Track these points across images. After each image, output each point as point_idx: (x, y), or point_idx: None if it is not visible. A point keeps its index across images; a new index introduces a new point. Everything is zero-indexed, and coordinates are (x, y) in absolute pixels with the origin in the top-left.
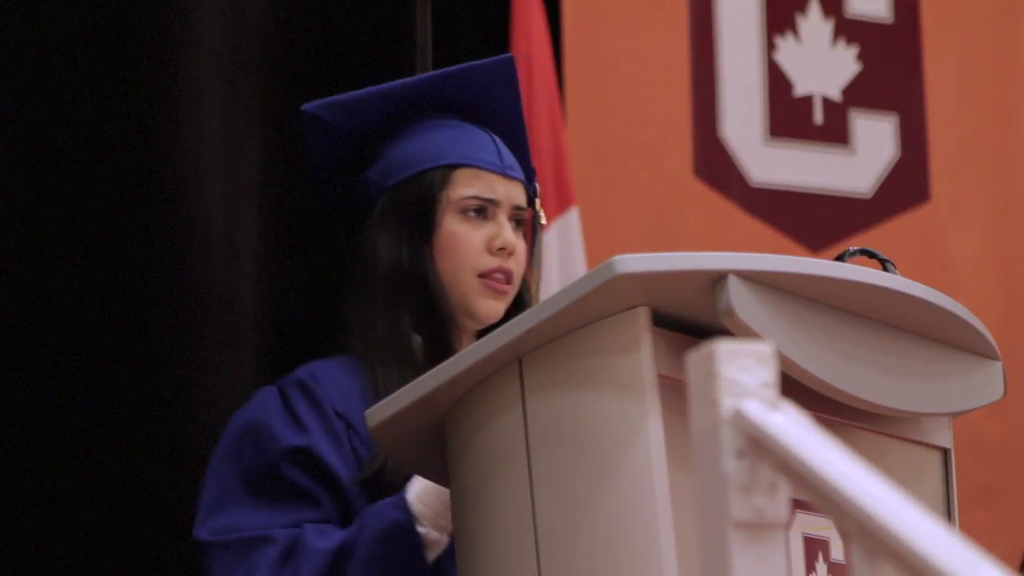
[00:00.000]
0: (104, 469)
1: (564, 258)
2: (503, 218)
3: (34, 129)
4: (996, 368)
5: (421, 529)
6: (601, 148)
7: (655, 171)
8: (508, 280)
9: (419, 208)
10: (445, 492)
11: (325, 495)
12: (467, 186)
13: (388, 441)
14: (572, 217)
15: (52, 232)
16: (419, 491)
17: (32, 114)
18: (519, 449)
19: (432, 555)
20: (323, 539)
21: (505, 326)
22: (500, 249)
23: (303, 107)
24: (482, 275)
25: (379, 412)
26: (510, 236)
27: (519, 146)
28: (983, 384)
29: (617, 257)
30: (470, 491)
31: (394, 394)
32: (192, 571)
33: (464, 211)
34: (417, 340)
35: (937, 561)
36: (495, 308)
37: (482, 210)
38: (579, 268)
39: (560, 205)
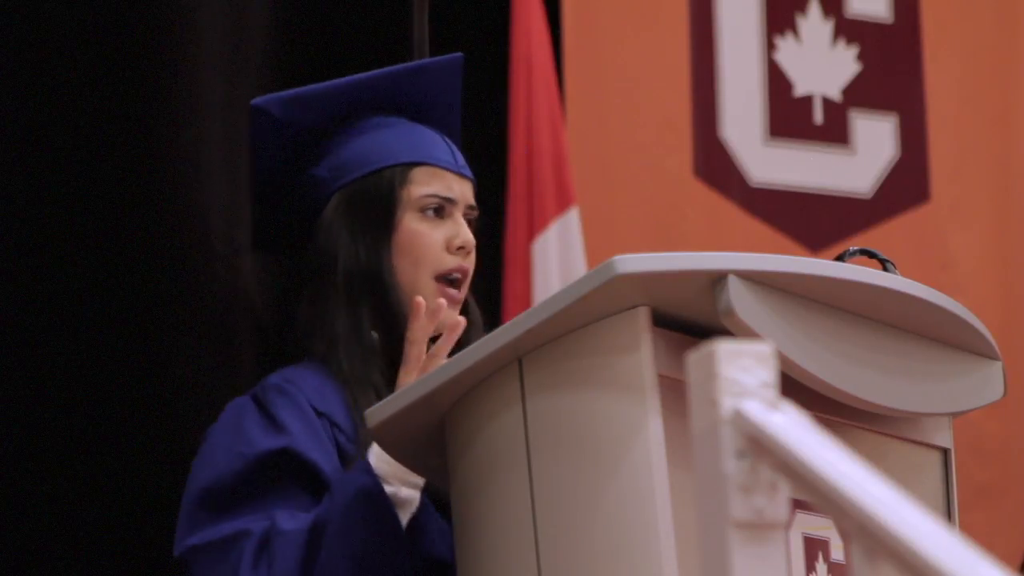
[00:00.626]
0: (104, 469)
1: (564, 258)
2: (459, 216)
3: (34, 129)
4: (996, 368)
5: (389, 488)
6: (601, 148)
7: (655, 171)
8: (464, 277)
9: (378, 206)
10: None
11: (305, 494)
12: (425, 184)
13: (388, 441)
14: (572, 217)
15: (52, 232)
16: (379, 451)
17: (32, 114)
18: (519, 449)
19: (406, 514)
20: (295, 520)
21: (505, 326)
22: (460, 248)
23: (252, 102)
24: (440, 276)
25: (379, 412)
26: (469, 235)
27: (456, 144)
28: (983, 384)
29: (617, 257)
30: (470, 491)
31: (394, 394)
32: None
33: (423, 210)
34: (376, 338)
35: (937, 561)
36: (450, 316)
37: (440, 209)
38: (579, 268)
39: (560, 205)
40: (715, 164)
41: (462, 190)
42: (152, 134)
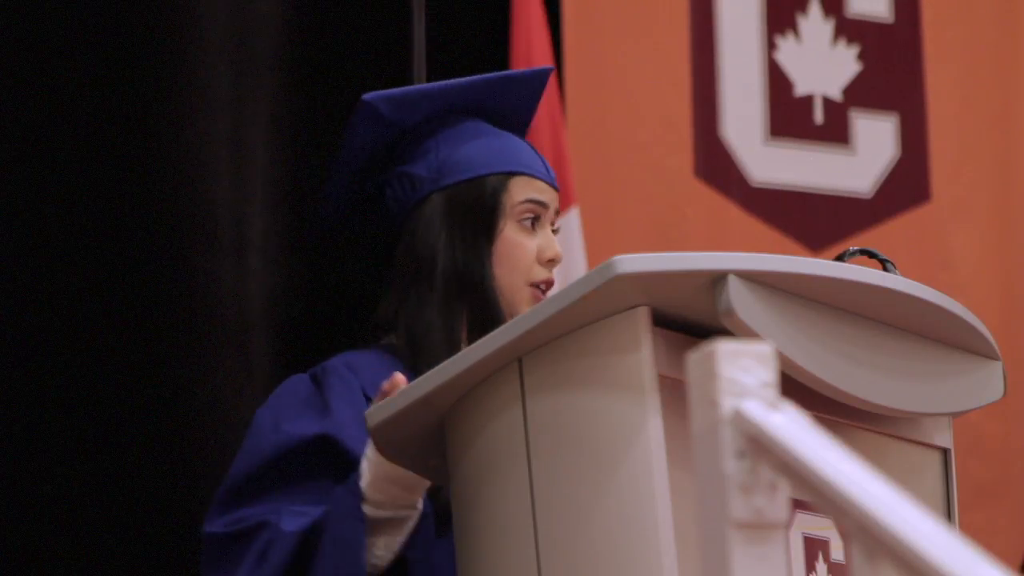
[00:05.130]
0: (107, 470)
1: (564, 258)
2: (549, 227)
3: (34, 128)
4: (996, 368)
5: (385, 513)
6: (601, 148)
7: (655, 171)
8: (549, 288)
9: (481, 213)
10: (393, 470)
11: (336, 483)
12: (525, 193)
13: (388, 441)
14: (572, 217)
15: (53, 231)
16: (375, 476)
17: (32, 113)
18: (519, 449)
19: (402, 531)
20: (296, 520)
21: (505, 326)
22: (549, 260)
23: (364, 96)
24: (531, 284)
25: (379, 412)
26: (558, 248)
27: None
28: (983, 384)
29: (617, 257)
30: (470, 491)
31: (394, 394)
32: (195, 571)
33: (522, 219)
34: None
35: (937, 561)
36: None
37: (537, 218)
38: (579, 268)
39: (560, 205)
40: (715, 164)
41: (552, 199)
42: (157, 130)
